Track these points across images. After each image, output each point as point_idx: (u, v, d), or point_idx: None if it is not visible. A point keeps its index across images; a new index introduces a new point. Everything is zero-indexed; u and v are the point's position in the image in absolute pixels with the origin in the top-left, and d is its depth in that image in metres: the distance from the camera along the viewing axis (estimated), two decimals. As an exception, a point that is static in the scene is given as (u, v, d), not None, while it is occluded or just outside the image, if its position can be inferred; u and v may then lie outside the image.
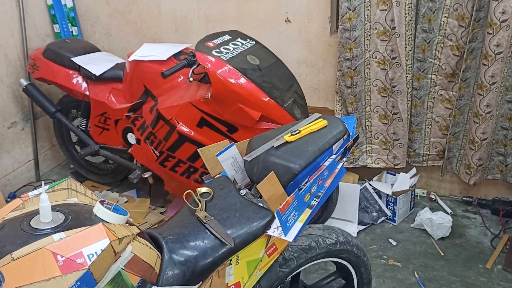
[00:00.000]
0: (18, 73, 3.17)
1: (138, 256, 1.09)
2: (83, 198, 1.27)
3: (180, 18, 3.19)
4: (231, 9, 3.02)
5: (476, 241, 2.64)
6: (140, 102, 2.58)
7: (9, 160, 3.18)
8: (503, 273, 2.39)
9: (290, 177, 1.36)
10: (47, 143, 3.51)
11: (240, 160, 1.57)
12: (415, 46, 2.62)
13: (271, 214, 1.32)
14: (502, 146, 2.72)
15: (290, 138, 1.45)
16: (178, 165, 2.47)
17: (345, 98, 2.85)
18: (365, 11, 2.61)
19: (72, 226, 1.06)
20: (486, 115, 2.57)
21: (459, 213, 2.88)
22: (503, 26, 2.32)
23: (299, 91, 2.42)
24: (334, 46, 2.82)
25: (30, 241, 1.00)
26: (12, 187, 3.21)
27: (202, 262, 1.25)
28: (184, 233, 1.30)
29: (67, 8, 3.38)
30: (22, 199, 1.21)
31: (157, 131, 2.43)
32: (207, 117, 2.27)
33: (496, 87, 2.49)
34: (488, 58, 2.42)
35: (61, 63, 2.90)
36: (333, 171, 1.46)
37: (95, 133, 2.97)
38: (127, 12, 3.33)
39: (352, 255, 1.68)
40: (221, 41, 2.34)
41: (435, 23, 2.55)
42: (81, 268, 0.96)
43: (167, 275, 1.19)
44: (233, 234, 1.29)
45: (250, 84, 2.16)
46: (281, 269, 1.50)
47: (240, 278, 1.33)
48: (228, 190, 1.44)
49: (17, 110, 3.21)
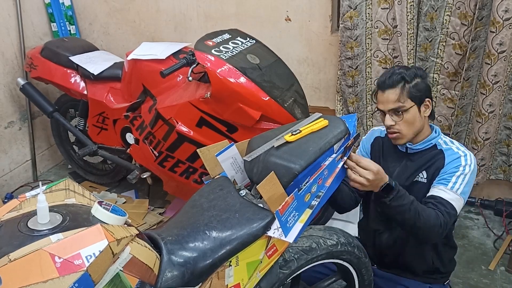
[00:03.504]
0: (15, 72, 3.16)
1: (136, 258, 1.09)
2: (81, 198, 1.27)
3: (179, 16, 3.17)
4: (231, 7, 3.01)
5: (479, 242, 2.62)
6: (138, 101, 2.57)
7: (6, 160, 3.17)
8: (506, 275, 2.38)
9: (290, 178, 1.34)
10: (45, 143, 3.50)
11: (240, 161, 1.56)
12: (417, 44, 2.60)
13: (271, 215, 1.31)
14: (505, 146, 2.70)
15: (291, 138, 1.43)
16: (177, 165, 2.45)
17: (346, 97, 2.83)
18: (367, 10, 2.60)
19: (70, 227, 1.06)
20: (489, 115, 2.55)
21: (462, 214, 2.86)
22: (506, 25, 2.31)
23: (300, 90, 2.40)
24: (335, 45, 2.81)
25: (27, 242, 1.00)
26: (9, 187, 3.20)
27: (201, 263, 1.24)
28: (183, 234, 1.30)
29: (64, 7, 3.37)
30: (19, 199, 1.21)
31: (156, 131, 2.42)
32: (207, 117, 2.25)
33: (499, 86, 2.47)
34: (491, 57, 2.40)
35: (59, 62, 2.89)
36: (333, 171, 1.44)
37: (93, 133, 2.95)
38: (125, 10, 3.32)
39: (353, 256, 1.67)
40: (221, 40, 2.33)
41: (437, 22, 2.53)
42: (79, 269, 0.96)
43: (166, 277, 1.18)
44: (233, 235, 1.28)
45: (250, 83, 2.14)
46: (281, 270, 1.49)
47: (240, 279, 1.32)
48: (228, 191, 1.43)
49: (14, 109, 3.19)
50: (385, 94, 1.69)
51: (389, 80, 1.68)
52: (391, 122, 1.68)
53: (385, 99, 1.69)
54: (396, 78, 1.67)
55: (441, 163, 1.68)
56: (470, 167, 1.64)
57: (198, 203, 1.41)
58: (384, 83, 1.69)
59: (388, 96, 1.67)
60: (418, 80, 1.68)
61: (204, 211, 1.37)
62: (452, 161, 1.67)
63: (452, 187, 1.61)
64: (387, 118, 1.70)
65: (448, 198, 1.59)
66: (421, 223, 1.52)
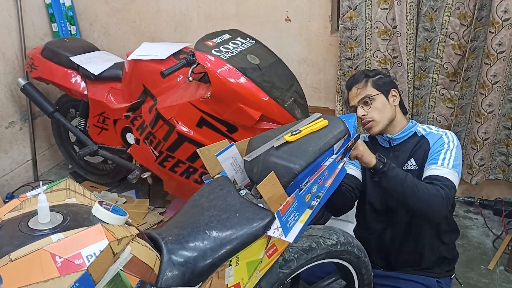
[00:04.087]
0: (16, 73, 3.16)
1: (137, 257, 1.09)
2: (81, 198, 1.27)
3: (179, 16, 3.17)
4: (231, 7, 3.01)
5: (478, 242, 2.62)
6: (139, 101, 2.57)
7: (7, 160, 3.17)
8: (506, 274, 2.38)
9: (290, 178, 1.35)
10: (45, 143, 3.50)
11: (240, 160, 1.56)
12: (416, 45, 2.61)
13: (271, 214, 1.31)
14: (504, 146, 2.70)
15: (291, 138, 1.43)
16: (177, 165, 2.45)
17: (346, 97, 2.83)
18: (366, 10, 2.60)
19: (71, 226, 1.06)
20: (488, 115, 2.55)
21: (461, 213, 2.87)
22: (506, 25, 2.31)
23: (300, 90, 2.40)
24: (335, 45, 2.81)
25: (28, 242, 1.00)
26: (10, 187, 3.20)
27: (201, 263, 1.24)
28: (184, 234, 1.30)
29: (65, 7, 3.37)
30: (20, 199, 1.21)
31: (156, 131, 2.42)
32: (207, 117, 2.26)
33: (498, 86, 2.48)
34: (490, 57, 2.40)
35: (59, 62, 2.89)
36: (333, 171, 1.45)
37: (94, 133, 2.95)
38: (125, 10, 3.32)
39: (353, 256, 1.67)
40: (221, 40, 2.33)
41: (437, 22, 2.53)
42: (80, 269, 0.96)
43: (167, 276, 1.18)
44: (233, 235, 1.28)
45: (250, 84, 2.14)
46: (281, 270, 1.49)
47: (240, 279, 1.33)
48: (228, 191, 1.43)
49: (15, 110, 3.20)
50: (352, 91, 1.86)
51: (353, 78, 1.88)
52: (363, 112, 1.81)
53: (353, 94, 1.86)
54: (360, 76, 1.87)
55: (427, 146, 1.77)
56: (453, 142, 1.73)
57: (198, 203, 1.42)
58: (349, 81, 1.89)
59: (355, 91, 1.84)
60: (381, 76, 1.86)
61: (204, 211, 1.37)
62: (436, 142, 1.75)
63: (442, 164, 1.67)
64: (358, 110, 1.83)
65: (441, 173, 1.65)
66: (420, 193, 1.58)
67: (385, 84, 1.84)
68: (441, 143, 1.73)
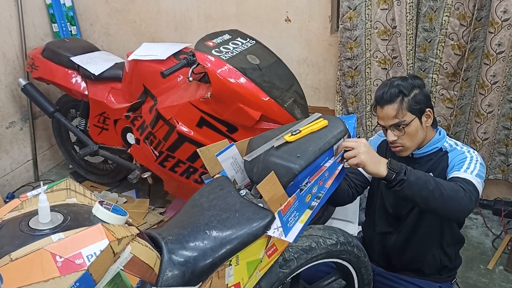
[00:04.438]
0: (17, 73, 3.16)
1: (137, 257, 1.09)
2: (82, 198, 1.27)
3: (179, 16, 3.18)
4: (231, 8, 3.01)
5: (477, 241, 2.63)
6: (139, 101, 2.57)
7: (7, 160, 3.17)
8: (505, 274, 2.38)
9: (290, 178, 1.35)
10: (46, 143, 3.50)
11: (240, 160, 1.56)
12: (416, 45, 2.61)
13: (271, 214, 1.31)
14: (503, 146, 2.71)
15: (291, 138, 1.44)
16: (177, 165, 2.46)
17: (346, 97, 2.84)
18: (366, 10, 2.60)
19: (71, 226, 1.06)
20: (488, 115, 2.55)
21: (460, 213, 2.87)
22: (505, 25, 2.31)
23: (300, 90, 2.41)
24: (335, 45, 2.81)
25: (28, 241, 1.00)
26: (10, 187, 3.20)
27: (201, 263, 1.24)
28: (184, 233, 1.30)
29: (66, 7, 3.37)
30: (20, 199, 1.21)
31: (157, 131, 2.42)
32: (207, 117, 2.26)
33: (498, 86, 2.48)
34: (489, 58, 2.41)
35: (60, 62, 2.90)
36: (333, 172, 1.45)
37: (94, 133, 2.95)
38: (126, 11, 3.32)
39: (353, 256, 1.67)
40: (221, 41, 2.33)
41: (436, 22, 2.53)
42: (80, 269, 0.96)
43: (167, 276, 1.18)
44: (233, 235, 1.29)
45: (250, 84, 2.15)
46: (281, 269, 1.49)
47: (240, 279, 1.33)
48: (228, 191, 1.43)
49: (15, 110, 3.20)
50: (384, 109, 1.64)
51: (386, 94, 1.63)
52: (394, 138, 1.65)
53: (384, 114, 1.65)
54: (394, 92, 1.62)
55: (445, 163, 1.65)
56: (477, 159, 1.60)
57: (199, 203, 1.42)
58: (382, 98, 1.64)
59: (388, 112, 1.63)
60: (416, 92, 1.63)
61: (205, 211, 1.37)
62: (457, 156, 1.63)
63: (465, 170, 1.55)
64: (389, 133, 1.66)
65: (464, 176, 1.52)
66: (447, 191, 1.43)
67: (420, 104, 1.63)
68: (463, 158, 1.61)
